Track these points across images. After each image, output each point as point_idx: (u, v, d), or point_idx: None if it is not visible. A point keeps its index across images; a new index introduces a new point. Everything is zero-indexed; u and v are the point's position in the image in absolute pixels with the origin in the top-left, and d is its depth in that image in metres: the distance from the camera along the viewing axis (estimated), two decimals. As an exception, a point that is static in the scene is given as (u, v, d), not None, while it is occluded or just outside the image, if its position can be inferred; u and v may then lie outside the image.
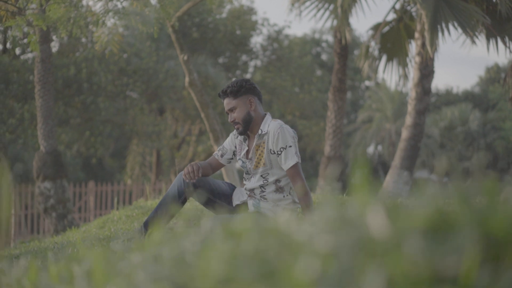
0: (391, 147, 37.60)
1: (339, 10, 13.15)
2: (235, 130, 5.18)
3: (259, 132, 5.00)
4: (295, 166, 4.85)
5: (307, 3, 14.21)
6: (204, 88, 17.76)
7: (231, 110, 5.05)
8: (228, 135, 13.91)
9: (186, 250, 1.15)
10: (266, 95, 25.23)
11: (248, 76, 26.39)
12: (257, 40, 41.68)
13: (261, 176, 5.01)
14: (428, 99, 13.80)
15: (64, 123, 19.95)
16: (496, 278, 0.86)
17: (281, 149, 4.86)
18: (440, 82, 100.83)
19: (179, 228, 4.85)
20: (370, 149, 40.63)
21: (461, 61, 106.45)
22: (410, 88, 13.92)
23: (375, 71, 14.89)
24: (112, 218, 8.43)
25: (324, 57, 42.54)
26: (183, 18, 14.85)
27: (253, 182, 5.07)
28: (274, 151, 4.91)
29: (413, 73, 13.72)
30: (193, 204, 7.67)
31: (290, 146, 4.85)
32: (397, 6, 14.29)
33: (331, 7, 13.94)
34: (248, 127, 5.05)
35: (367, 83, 44.01)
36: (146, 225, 5.12)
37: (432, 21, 12.03)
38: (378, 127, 38.85)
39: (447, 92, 45.95)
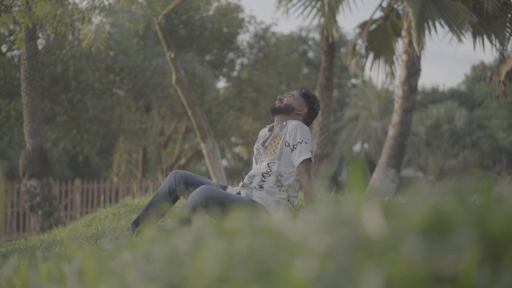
0: (377, 145, 37.68)
1: (326, 7, 13.14)
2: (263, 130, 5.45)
3: (283, 123, 5.14)
4: (306, 161, 4.93)
5: (294, 1, 14.20)
6: (191, 86, 17.71)
7: (291, 94, 5.33)
8: (215, 133, 13.94)
9: (180, 249, 1.14)
10: (253, 93, 25.22)
11: (235, 74, 26.37)
12: (244, 38, 41.64)
13: (267, 164, 5.06)
14: (414, 97, 13.82)
15: (51, 121, 19.88)
16: (495, 277, 0.86)
17: (298, 143, 4.95)
18: (426, 80, 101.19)
19: (170, 226, 4.83)
20: (356, 147, 40.68)
21: (447, 59, 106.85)
22: (396, 86, 13.94)
23: (362, 69, 14.90)
24: (99, 216, 8.40)
25: (310, 55, 42.58)
26: (170, 15, 14.78)
27: (257, 168, 5.12)
28: (289, 143, 5.00)
29: (399, 71, 13.73)
30: (183, 202, 7.62)
31: (306, 143, 4.95)
32: (384, 4, 14.30)
33: (318, 4, 13.93)
34: (281, 112, 5.25)
35: (353, 81, 44.06)
36: (135, 224, 5.11)
37: (419, 19, 12.05)
38: (364, 125, 38.91)
39: (433, 90, 46.07)
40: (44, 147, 12.43)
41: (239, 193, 5.10)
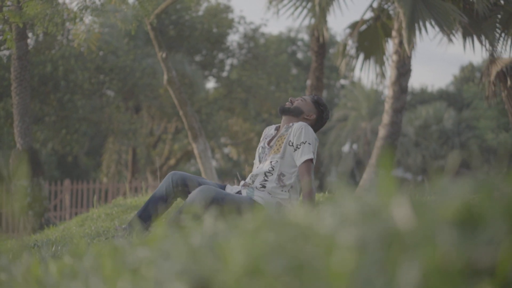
0: (366, 145, 37.74)
1: (317, 8, 13.14)
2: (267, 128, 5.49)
3: (290, 124, 5.17)
4: (308, 161, 4.94)
5: (285, 1, 14.20)
6: (181, 86, 17.67)
7: (303, 99, 5.38)
8: (206, 133, 13.90)
9: (202, 244, 1.13)
10: (242, 94, 25.20)
11: (224, 74, 26.35)
12: (233, 39, 41.55)
13: (270, 162, 5.07)
14: (405, 98, 13.85)
15: (40, 121, 19.80)
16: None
17: (301, 144, 4.97)
18: (415, 80, 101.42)
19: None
20: (345, 148, 40.73)
21: (436, 59, 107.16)
22: (387, 86, 13.97)
23: (352, 69, 14.93)
24: (91, 216, 8.38)
25: (299, 55, 42.61)
26: (160, 16, 14.69)
27: (260, 167, 5.12)
28: (292, 142, 5.02)
29: (390, 71, 13.75)
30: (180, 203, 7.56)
31: (310, 144, 4.96)
32: (375, 5, 14.32)
33: (309, 5, 13.93)
34: (290, 114, 5.28)
35: (342, 81, 44.13)
36: (132, 224, 5.09)
37: (410, 19, 12.07)
38: (353, 126, 38.97)
39: (422, 90, 46.18)
40: (34, 147, 12.36)
41: (239, 192, 5.09)
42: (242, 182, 5.20)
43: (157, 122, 26.00)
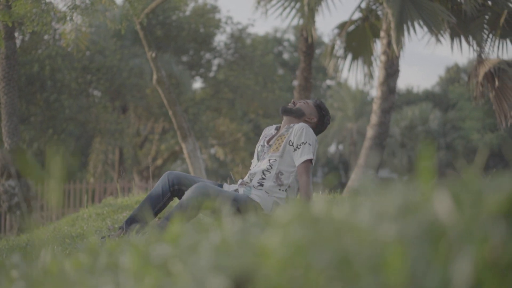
0: (352, 146, 37.83)
1: (306, 8, 13.14)
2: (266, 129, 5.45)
3: (291, 125, 5.16)
4: (307, 161, 4.93)
5: (273, 1, 14.17)
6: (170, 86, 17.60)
7: (306, 101, 5.36)
8: (195, 133, 13.86)
9: (239, 237, 1.12)
10: (229, 94, 25.18)
11: (211, 74, 26.33)
12: (220, 39, 41.57)
13: (268, 161, 5.06)
14: (393, 98, 13.88)
15: (26, 121, 19.71)
16: None
17: (302, 144, 4.96)
18: (401, 81, 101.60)
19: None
20: (332, 148, 40.80)
21: (422, 60, 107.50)
22: (375, 87, 14.01)
23: (339, 69, 14.95)
24: (82, 216, 8.35)
25: (286, 56, 42.65)
26: (147, 15, 14.62)
27: (258, 165, 5.12)
28: (292, 142, 5.00)
29: (378, 72, 13.77)
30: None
31: (310, 144, 4.96)
32: (363, 5, 14.34)
33: (298, 5, 13.91)
34: (292, 115, 5.25)
35: (328, 82, 44.20)
36: (128, 223, 5.06)
37: (398, 20, 12.09)
38: (339, 126, 39.05)
39: (407, 91, 46.35)
40: (22, 147, 12.29)
41: (236, 190, 5.08)
42: (239, 181, 5.19)
43: (144, 122, 25.94)
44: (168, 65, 21.99)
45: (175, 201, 5.78)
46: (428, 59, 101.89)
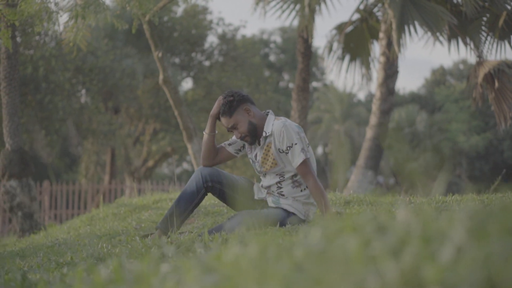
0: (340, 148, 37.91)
1: (306, 9, 13.14)
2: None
3: (264, 134, 4.98)
4: (303, 163, 4.84)
5: (273, 3, 14.13)
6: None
7: (233, 127, 5.02)
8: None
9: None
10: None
11: (203, 75, 26.31)
12: (212, 40, 41.57)
13: (277, 174, 4.99)
14: (392, 99, 13.96)
15: (19, 122, 19.55)
16: None
17: (288, 148, 4.85)
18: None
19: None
20: (319, 150, 40.87)
21: (407, 63, 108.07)
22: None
23: (325, 71, 15.00)
24: (97, 216, 8.31)
25: (272, 58, 42.70)
26: (156, 14, 14.43)
27: (269, 179, 5.05)
28: (282, 149, 4.90)
29: (377, 73, 13.82)
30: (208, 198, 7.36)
31: (296, 144, 4.84)
32: (362, 7, 14.36)
33: (298, 6, 13.90)
34: (256, 135, 5.03)
35: (315, 84, 44.26)
36: (164, 223, 5.01)
37: (399, 21, 12.13)
38: (327, 128, 39.12)
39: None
40: (23, 147, 12.20)
41: (265, 199, 5.06)
42: (264, 191, 5.11)
43: (135, 123, 25.85)
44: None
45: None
46: (414, 61, 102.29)
